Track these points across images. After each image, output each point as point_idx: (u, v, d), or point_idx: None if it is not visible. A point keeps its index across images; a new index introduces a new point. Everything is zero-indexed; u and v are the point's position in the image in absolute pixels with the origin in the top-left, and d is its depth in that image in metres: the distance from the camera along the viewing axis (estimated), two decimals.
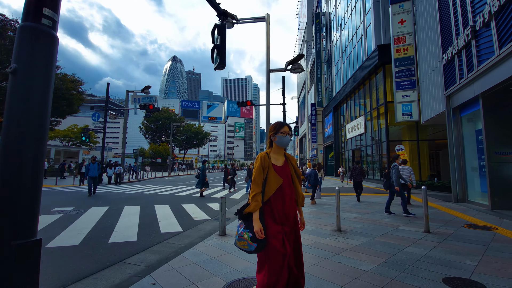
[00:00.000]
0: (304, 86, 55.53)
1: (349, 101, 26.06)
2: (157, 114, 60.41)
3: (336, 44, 30.77)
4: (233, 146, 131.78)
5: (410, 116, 11.89)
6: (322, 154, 37.63)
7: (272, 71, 9.55)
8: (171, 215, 6.61)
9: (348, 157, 27.29)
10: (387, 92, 17.71)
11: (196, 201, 9.53)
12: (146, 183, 18.94)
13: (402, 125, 17.95)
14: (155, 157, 47.50)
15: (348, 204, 8.49)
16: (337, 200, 5.12)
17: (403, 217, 6.45)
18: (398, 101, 12.20)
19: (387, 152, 17.35)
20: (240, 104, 16.26)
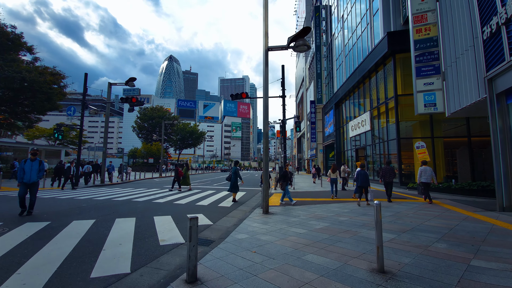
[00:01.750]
0: (302, 84, 53.76)
1: (352, 96, 24.27)
2: (150, 112, 58.29)
3: (337, 37, 28.99)
4: (230, 146, 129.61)
5: (434, 107, 10.09)
6: (322, 153, 35.84)
7: (272, 49, 7.67)
8: (128, 238, 4.67)
9: (351, 156, 25.48)
10: (398, 84, 15.95)
11: (176, 211, 7.60)
12: (130, 185, 16.95)
13: (414, 121, 16.19)
14: (148, 157, 45.33)
15: (371, 216, 6.61)
16: (377, 215, 3.21)
17: (454, 237, 4.60)
18: (419, 89, 10.39)
19: (398, 150, 15.57)
20: (235, 97, 14.39)
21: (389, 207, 8.11)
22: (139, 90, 15.90)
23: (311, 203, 8.95)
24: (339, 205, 8.47)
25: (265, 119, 7.42)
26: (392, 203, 8.98)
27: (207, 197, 10.75)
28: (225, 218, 6.62)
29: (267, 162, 7.28)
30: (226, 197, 10.88)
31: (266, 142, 7.35)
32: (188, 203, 8.94)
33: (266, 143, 7.35)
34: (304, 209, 7.74)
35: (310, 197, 10.68)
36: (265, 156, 7.32)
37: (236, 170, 9.46)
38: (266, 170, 7.28)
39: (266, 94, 7.45)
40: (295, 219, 6.28)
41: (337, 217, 6.44)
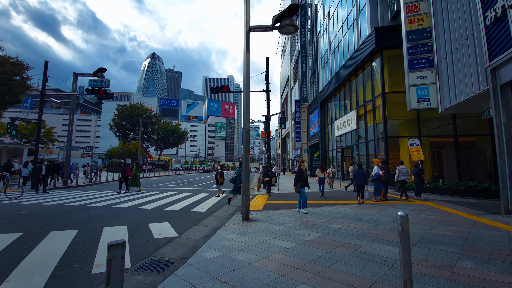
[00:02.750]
0: (287, 84, 53.27)
1: (338, 95, 23.76)
2: (129, 110, 55.41)
3: (323, 35, 28.50)
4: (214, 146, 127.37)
5: (427, 103, 9.45)
6: (306, 153, 35.30)
7: (254, 29, 6.59)
8: (50, 262, 3.36)
9: (334, 157, 24.99)
10: (385, 81, 15.44)
11: (137, 218, 6.30)
12: (97, 187, 15.21)
13: (401, 119, 15.75)
14: (125, 157, 42.74)
15: (370, 222, 5.68)
16: (404, 237, 2.21)
17: (475, 250, 3.72)
18: (412, 83, 9.72)
19: (385, 150, 15.02)
20: (215, 90, 13.19)
21: (384, 210, 7.27)
22: (108, 81, 14.24)
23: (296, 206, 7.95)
24: (329, 209, 7.52)
25: (246, 112, 6.33)
26: (386, 205, 8.18)
27: (181, 201, 9.45)
28: (195, 227, 5.42)
29: (247, 159, 6.18)
30: (203, 200, 9.64)
31: (247, 137, 6.25)
32: (156, 208, 7.62)
33: (246, 138, 6.24)
34: (290, 214, 6.71)
35: (296, 199, 9.71)
36: (245, 153, 6.21)
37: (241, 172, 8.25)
38: (247, 168, 6.17)
39: (248, 84, 6.34)
40: (280, 227, 5.22)
41: (329, 224, 5.44)
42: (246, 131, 6.24)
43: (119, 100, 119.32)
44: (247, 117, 6.30)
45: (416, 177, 9.60)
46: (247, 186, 6.15)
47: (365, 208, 7.66)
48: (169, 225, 5.47)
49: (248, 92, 6.34)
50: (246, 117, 6.30)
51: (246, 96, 6.33)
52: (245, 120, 6.29)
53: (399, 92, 15.46)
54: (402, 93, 15.48)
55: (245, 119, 6.29)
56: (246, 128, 6.27)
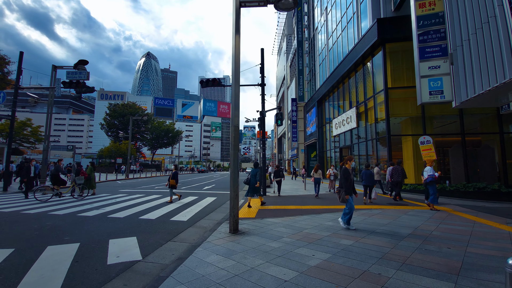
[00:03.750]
0: (283, 83, 52.31)
1: (336, 93, 22.80)
2: (121, 109, 53.80)
3: (320, 30, 27.54)
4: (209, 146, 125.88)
5: (441, 96, 8.48)
6: (303, 153, 34.32)
7: (246, 4, 5.50)
8: None
9: (330, 157, 24.05)
10: (388, 76, 14.50)
11: (99, 231, 5.16)
12: None
13: (405, 116, 14.83)
14: (115, 157, 41.26)
15: (387, 235, 4.64)
16: None
17: None
18: (423, 74, 8.73)
19: (388, 149, 14.07)
20: (205, 83, 12.09)
21: (397, 218, 6.23)
22: (88, 73, 13.00)
23: (297, 213, 6.89)
24: (332, 216, 6.46)
25: (235, 106, 5.24)
26: (396, 211, 7.16)
27: (163, 206, 8.30)
28: (169, 244, 4.30)
29: (236, 158, 5.09)
30: (189, 205, 8.51)
31: (236, 132, 5.16)
32: (129, 217, 6.46)
33: (235, 133, 5.15)
34: (288, 223, 5.64)
35: (294, 204, 8.64)
36: (234, 150, 5.12)
37: (255, 173, 8.23)
38: (236, 168, 5.08)
39: (237, 72, 5.25)
40: (276, 243, 4.14)
41: (337, 239, 4.37)
42: (234, 126, 5.15)
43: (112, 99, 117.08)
44: (236, 111, 5.21)
45: None
46: (236, 191, 5.05)
47: (374, 215, 6.61)
48: (135, 241, 4.33)
49: (237, 82, 5.24)
50: (234, 111, 5.21)
51: (235, 88, 5.24)
52: (233, 113, 5.20)
53: (402, 88, 14.55)
54: (406, 89, 14.60)
55: (234, 113, 5.20)
56: (235, 122, 5.18)
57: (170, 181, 9.26)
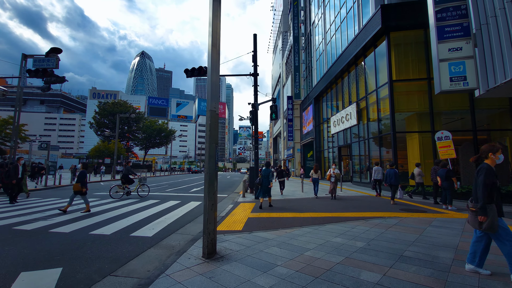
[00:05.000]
0: (279, 81, 51.03)
1: (335, 88, 21.56)
2: (111, 107, 51.82)
3: (317, 24, 26.30)
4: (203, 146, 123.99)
5: (464, 82, 7.21)
6: (299, 153, 33.05)
7: None
8: None
9: (325, 157, 22.78)
10: (393, 67, 13.27)
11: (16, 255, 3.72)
12: (43, 194, 12.40)
13: (411, 112, 13.60)
14: (103, 157, 39.43)
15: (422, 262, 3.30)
16: None
17: None
18: (443, 57, 7.45)
19: (394, 147, 12.83)
20: (190, 73, 10.70)
21: (423, 232, 4.91)
22: (57, 60, 11.43)
23: (295, 223, 5.53)
24: (338, 228, 5.11)
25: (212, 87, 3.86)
26: (418, 220, 5.85)
27: (131, 214, 6.85)
28: (105, 281, 2.88)
29: (213, 153, 3.70)
30: (164, 213, 7.07)
31: (214, 118, 3.77)
32: (77, 231, 4.99)
33: (212, 119, 3.76)
34: (283, 240, 4.28)
35: (291, 210, 7.28)
36: (209, 143, 3.73)
37: (267, 173, 8.02)
38: (212, 166, 3.69)
39: (215, 31, 3.87)
40: (267, 279, 2.77)
41: (354, 270, 3.01)
42: (210, 111, 3.76)
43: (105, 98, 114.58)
44: (213, 89, 3.82)
45: (445, 180, 7.37)
46: (212, 198, 3.65)
47: (392, 227, 5.28)
48: (57, 276, 2.89)
49: (214, 45, 3.85)
50: (213, 93, 3.82)
51: (213, 54, 3.84)
52: (210, 92, 3.80)
53: (408, 81, 13.35)
54: (412, 82, 13.38)
55: (211, 92, 3.81)
56: (212, 106, 3.79)
57: (74, 186, 7.16)
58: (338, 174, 9.61)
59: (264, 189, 7.95)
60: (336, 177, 9.53)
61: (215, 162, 3.75)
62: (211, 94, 3.75)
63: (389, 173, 8.76)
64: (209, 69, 3.77)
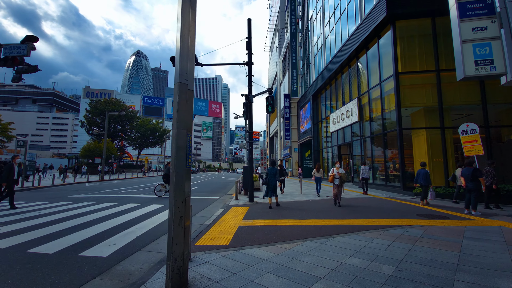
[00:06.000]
0: (276, 79, 50.00)
1: (334, 84, 20.54)
2: (103, 105, 50.21)
3: (316, 18, 25.29)
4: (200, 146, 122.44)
5: (490, 66, 6.19)
6: (297, 153, 32.00)
7: None
8: None
9: (332, 155, 21.72)
10: (399, 59, 12.29)
11: None
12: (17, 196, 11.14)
13: (418, 107, 12.59)
14: (94, 157, 37.87)
15: None
16: None
17: None
18: (466, 38, 6.42)
19: (400, 145, 11.83)
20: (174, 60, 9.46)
21: (462, 248, 3.85)
22: (29, 48, 10.15)
23: (296, 233, 4.44)
24: (354, 242, 4.02)
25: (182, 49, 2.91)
26: (448, 232, 4.80)
27: (97, 223, 5.67)
28: None
29: (185, 143, 2.58)
30: (140, 220, 5.91)
31: (183, 94, 2.66)
32: (15, 247, 3.80)
33: (180, 94, 2.65)
34: (282, 262, 3.18)
35: (290, 216, 6.18)
36: (178, 129, 2.60)
37: (274, 172, 7.99)
38: (181, 162, 2.57)
39: None
40: None
41: None
42: (179, 83, 2.64)
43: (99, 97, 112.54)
44: (187, 53, 2.70)
45: (470, 181, 6.34)
46: (182, 209, 2.53)
47: (419, 241, 4.20)
48: None
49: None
50: (183, 54, 2.70)
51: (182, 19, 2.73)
52: (179, 58, 2.69)
53: (415, 73, 12.35)
54: (419, 74, 12.35)
55: (180, 58, 2.69)
56: (182, 78, 2.67)
57: None
58: (344, 174, 8.04)
59: (272, 188, 7.80)
60: (341, 178, 7.90)
61: (186, 156, 2.63)
62: (180, 55, 2.63)
63: (418, 173, 8.25)
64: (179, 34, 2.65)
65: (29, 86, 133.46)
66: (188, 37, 2.72)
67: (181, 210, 2.50)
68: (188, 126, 2.68)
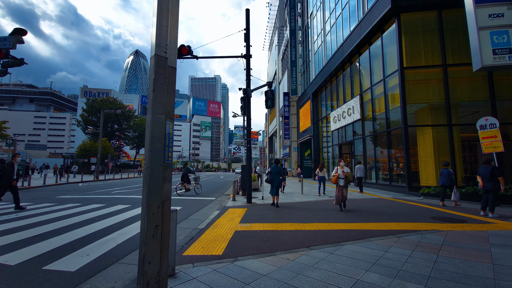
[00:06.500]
0: (275, 78, 49.45)
1: (335, 82, 20.02)
2: (99, 104, 49.48)
3: (316, 15, 24.76)
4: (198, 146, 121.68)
5: (509, 56, 5.67)
6: (296, 152, 31.48)
7: None
8: None
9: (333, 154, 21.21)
10: (403, 53, 11.77)
11: None
12: None
13: (424, 103, 12.07)
14: (90, 156, 37.18)
15: None
16: None
17: None
18: (483, 25, 5.90)
19: (405, 143, 11.32)
20: None
21: (495, 259, 3.31)
22: (15, 40, 9.58)
23: (299, 240, 3.89)
24: (367, 251, 3.47)
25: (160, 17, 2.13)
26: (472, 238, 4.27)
27: (74, 229, 5.11)
28: None
29: (161, 135, 2.02)
30: (122, 225, 5.33)
31: (162, 74, 2.10)
32: None
33: (160, 75, 2.09)
34: (286, 278, 2.63)
35: (291, 219, 5.62)
36: (153, 114, 2.04)
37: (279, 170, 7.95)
38: (158, 159, 2.01)
39: None
40: None
41: None
42: (156, 57, 2.08)
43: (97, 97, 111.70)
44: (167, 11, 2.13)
45: (488, 181, 5.81)
46: (158, 215, 1.97)
47: (441, 249, 3.66)
48: None
49: None
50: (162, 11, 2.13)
51: None
52: (158, 21, 2.13)
53: (421, 68, 11.83)
54: (425, 69, 11.86)
55: (158, 29, 2.13)
56: (161, 50, 2.10)
57: None
58: (350, 173, 6.91)
59: (276, 186, 7.81)
60: (347, 178, 6.75)
61: (165, 148, 2.07)
62: (158, 16, 2.06)
63: (441, 173, 7.94)
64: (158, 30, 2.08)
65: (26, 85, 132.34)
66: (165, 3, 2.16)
67: (156, 218, 1.94)
68: (169, 112, 2.12)
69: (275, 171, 7.93)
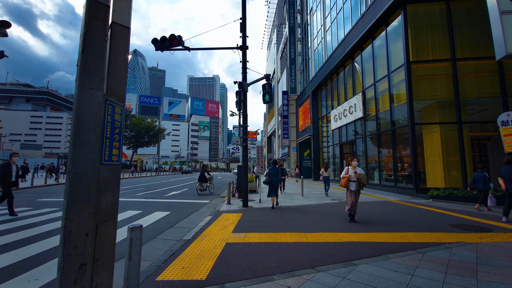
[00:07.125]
0: (273, 76, 48.75)
1: (336, 79, 19.33)
2: None
3: (315, 10, 24.08)
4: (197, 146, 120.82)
5: None
6: (295, 152, 30.79)
7: None
8: None
9: (333, 154, 20.53)
10: (410, 47, 11.09)
11: None
12: None
13: (432, 100, 11.38)
14: None
15: None
16: None
17: None
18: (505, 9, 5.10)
19: (412, 142, 10.64)
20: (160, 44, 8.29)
21: None
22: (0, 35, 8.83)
23: (302, 256, 3.18)
24: (388, 274, 2.77)
25: None
26: (508, 252, 3.58)
27: (42, 239, 4.38)
28: None
29: (96, 118, 1.31)
30: None
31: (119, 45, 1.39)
32: None
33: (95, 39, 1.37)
34: None
35: (292, 227, 4.92)
36: (80, 106, 1.32)
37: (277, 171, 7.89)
38: (83, 161, 1.29)
39: None
40: None
41: None
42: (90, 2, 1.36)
43: None
44: None
45: (510, 183, 5.15)
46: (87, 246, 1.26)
47: (481, 270, 2.97)
48: None
49: None
50: None
51: None
52: None
53: (429, 62, 11.14)
54: (433, 63, 11.19)
55: None
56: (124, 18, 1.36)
57: None
58: (364, 176, 5.56)
59: (274, 188, 7.75)
60: (360, 181, 5.51)
61: (103, 142, 1.35)
62: None
63: (475, 177, 7.45)
64: None
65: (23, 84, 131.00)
66: None
67: (83, 252, 1.21)
68: (113, 89, 1.40)
69: (273, 172, 7.87)
